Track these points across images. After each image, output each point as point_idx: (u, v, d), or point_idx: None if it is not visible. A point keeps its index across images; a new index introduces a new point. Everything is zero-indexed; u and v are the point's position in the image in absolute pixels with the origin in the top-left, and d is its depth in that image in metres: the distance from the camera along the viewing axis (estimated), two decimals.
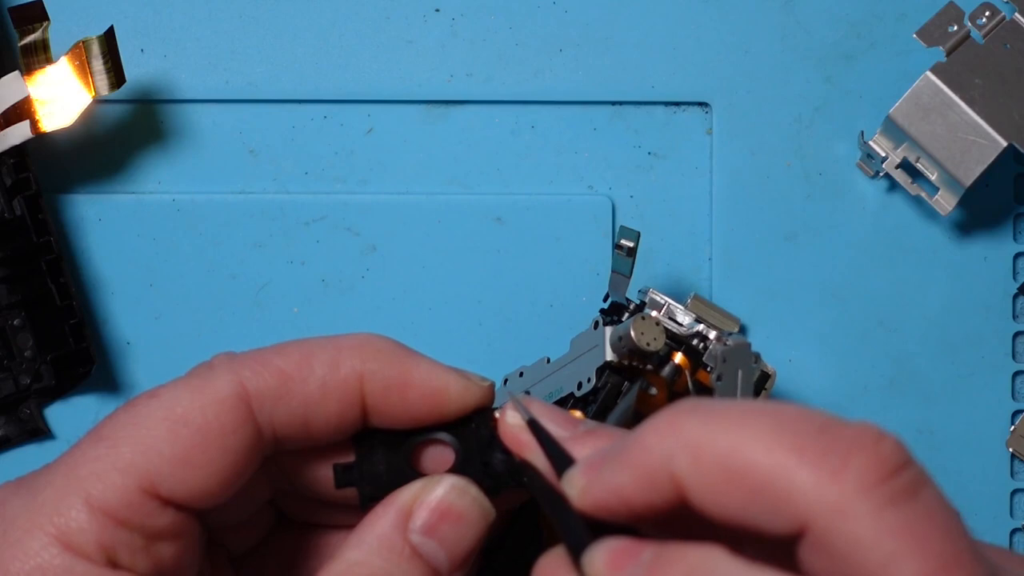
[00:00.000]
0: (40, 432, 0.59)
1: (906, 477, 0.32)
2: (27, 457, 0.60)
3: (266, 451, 0.40)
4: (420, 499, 0.40)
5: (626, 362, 0.51)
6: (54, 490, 0.39)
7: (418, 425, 0.41)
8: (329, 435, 0.41)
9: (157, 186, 0.61)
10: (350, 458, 0.41)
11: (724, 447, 0.33)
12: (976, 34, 0.59)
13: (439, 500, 0.40)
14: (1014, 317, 0.62)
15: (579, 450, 0.38)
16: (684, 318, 0.55)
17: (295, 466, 0.42)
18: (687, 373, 0.52)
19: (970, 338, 0.62)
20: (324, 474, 0.42)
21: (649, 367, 0.52)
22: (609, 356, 0.51)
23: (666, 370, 0.52)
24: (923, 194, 0.60)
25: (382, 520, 0.40)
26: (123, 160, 0.61)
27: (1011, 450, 0.61)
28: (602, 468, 0.36)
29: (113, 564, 0.38)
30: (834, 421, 0.33)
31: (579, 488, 0.37)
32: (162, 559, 0.39)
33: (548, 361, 0.58)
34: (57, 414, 0.60)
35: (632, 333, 0.50)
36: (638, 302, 0.55)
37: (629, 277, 0.54)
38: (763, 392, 0.55)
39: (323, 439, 0.41)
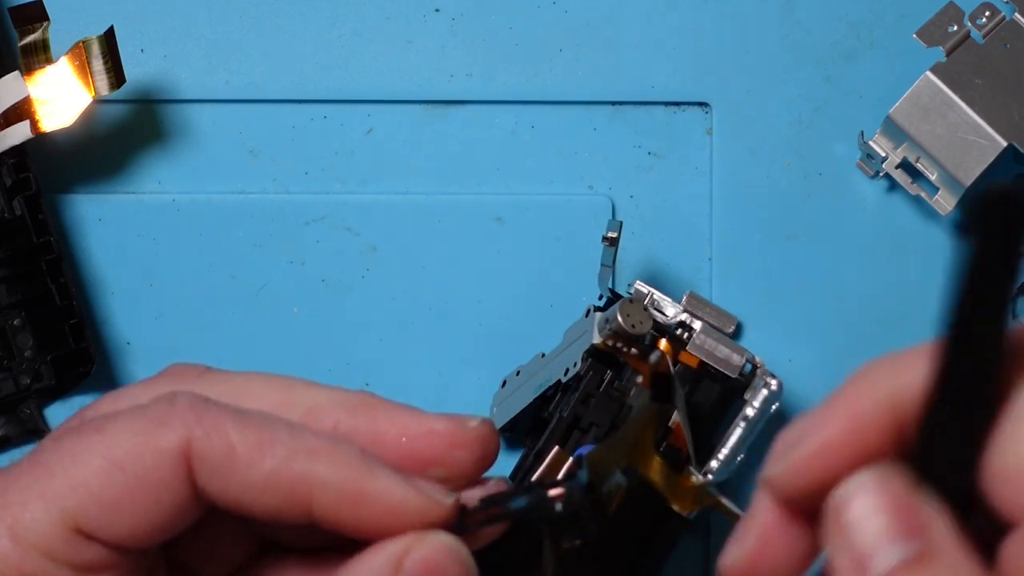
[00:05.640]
0: (40, 432, 0.59)
1: None
2: None
3: (206, 506, 0.39)
4: (411, 549, 0.39)
5: (610, 343, 0.52)
6: None
7: (369, 535, 0.39)
8: (264, 521, 0.39)
9: (157, 186, 0.61)
10: None
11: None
12: (976, 34, 0.59)
13: (428, 553, 0.39)
14: (1014, 317, 0.62)
15: None
16: (671, 309, 0.55)
17: None
18: (668, 357, 0.52)
19: None
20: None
21: (634, 351, 0.52)
22: (595, 339, 0.52)
23: (651, 357, 0.52)
24: (923, 194, 0.60)
25: (376, 558, 0.39)
26: (123, 160, 0.61)
27: None
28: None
29: None
30: None
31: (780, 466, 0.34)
32: None
33: (543, 356, 0.58)
34: (57, 414, 0.60)
35: (618, 315, 0.51)
36: (627, 295, 0.56)
37: (612, 267, 0.55)
38: (752, 384, 0.55)
39: (258, 520, 0.39)
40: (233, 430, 0.38)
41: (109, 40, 0.57)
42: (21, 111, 0.57)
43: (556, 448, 0.53)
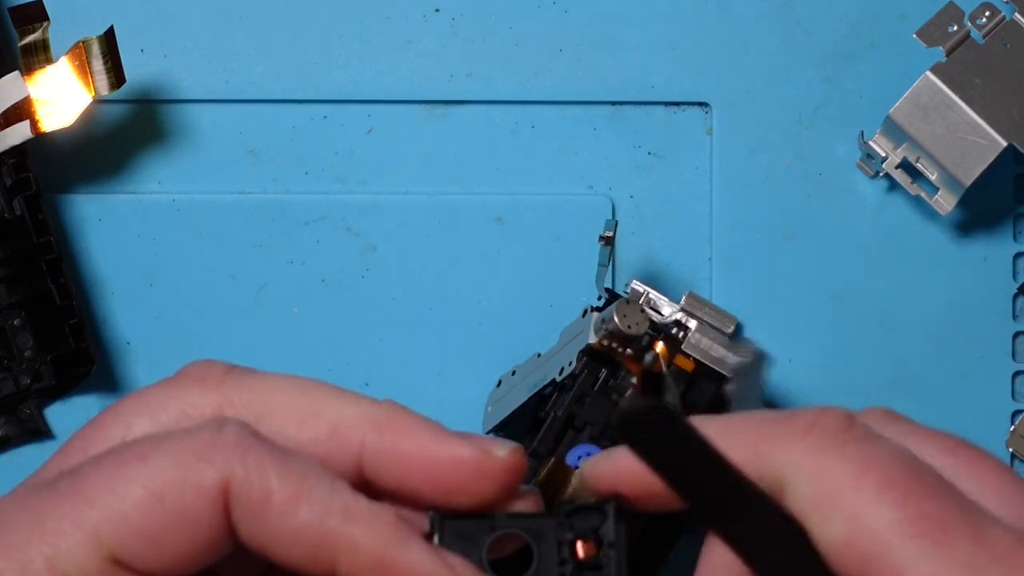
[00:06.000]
0: (40, 432, 0.60)
1: (858, 429, 0.37)
2: (27, 457, 0.60)
3: (235, 541, 0.39)
4: None
5: (606, 343, 0.52)
6: (18, 535, 0.38)
7: None
8: (281, 566, 0.39)
9: (157, 186, 0.61)
10: None
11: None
12: (976, 34, 0.59)
13: None
14: (1014, 317, 0.62)
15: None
16: (667, 309, 0.55)
17: None
18: (663, 359, 0.52)
19: (970, 338, 0.62)
20: None
21: (629, 352, 0.52)
22: (591, 339, 0.52)
23: (646, 359, 0.52)
24: (923, 194, 0.60)
25: None
26: (123, 160, 0.61)
27: (1011, 450, 0.61)
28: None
29: None
30: (794, 409, 0.38)
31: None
32: None
33: (539, 356, 0.58)
34: (57, 414, 0.60)
35: (615, 316, 0.51)
36: (624, 295, 0.56)
37: (607, 266, 0.55)
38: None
39: (275, 564, 0.39)
40: (274, 475, 0.38)
41: (109, 40, 0.57)
42: (21, 111, 0.57)
43: (553, 460, 0.53)
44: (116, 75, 0.57)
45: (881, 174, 0.60)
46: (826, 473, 0.35)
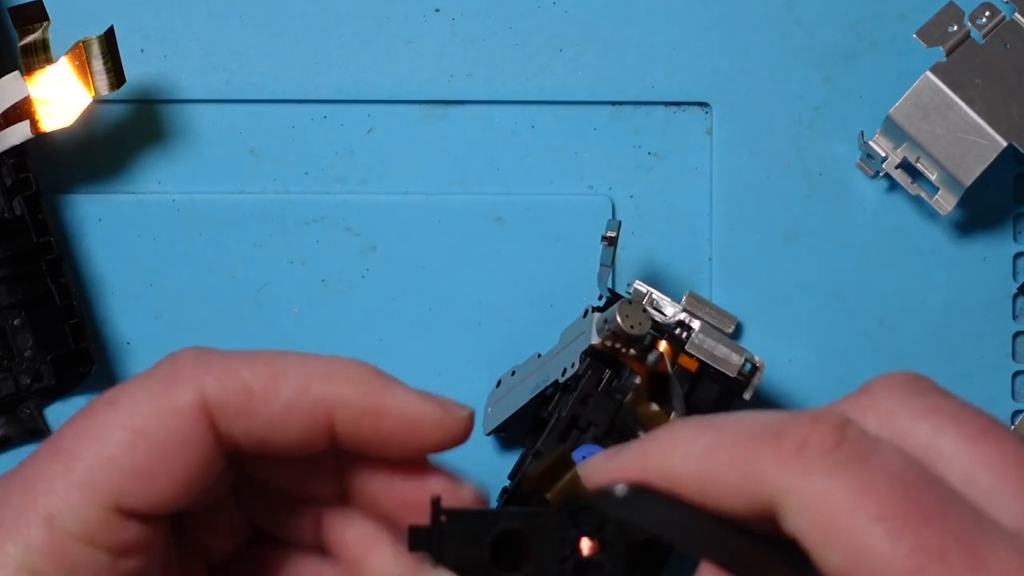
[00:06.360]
0: (40, 432, 0.59)
1: (851, 443, 0.35)
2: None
3: (227, 457, 0.40)
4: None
5: (609, 343, 0.52)
6: (11, 508, 0.38)
7: (390, 454, 0.40)
8: (290, 454, 0.40)
9: (157, 186, 0.61)
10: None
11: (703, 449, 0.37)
12: (976, 34, 0.59)
13: None
14: (1014, 317, 0.62)
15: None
16: (670, 309, 0.55)
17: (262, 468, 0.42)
18: (667, 359, 0.52)
19: (970, 338, 0.62)
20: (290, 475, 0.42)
21: (632, 352, 0.52)
22: (594, 339, 0.52)
23: (649, 358, 0.52)
24: (923, 194, 0.60)
25: None
26: (123, 160, 0.61)
27: None
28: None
29: None
30: (786, 418, 0.36)
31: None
32: (128, 571, 0.38)
33: (539, 356, 0.58)
34: (57, 414, 0.60)
35: (617, 317, 0.51)
36: (626, 295, 0.56)
37: (611, 267, 0.55)
38: (752, 384, 0.55)
39: (283, 456, 0.40)
40: (244, 369, 0.39)
41: (109, 40, 0.57)
42: (21, 111, 0.57)
43: (560, 449, 0.53)
44: (116, 75, 0.57)
45: (881, 174, 0.61)
46: (820, 500, 0.34)
